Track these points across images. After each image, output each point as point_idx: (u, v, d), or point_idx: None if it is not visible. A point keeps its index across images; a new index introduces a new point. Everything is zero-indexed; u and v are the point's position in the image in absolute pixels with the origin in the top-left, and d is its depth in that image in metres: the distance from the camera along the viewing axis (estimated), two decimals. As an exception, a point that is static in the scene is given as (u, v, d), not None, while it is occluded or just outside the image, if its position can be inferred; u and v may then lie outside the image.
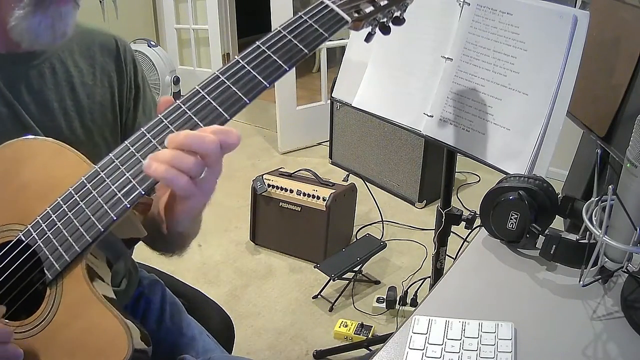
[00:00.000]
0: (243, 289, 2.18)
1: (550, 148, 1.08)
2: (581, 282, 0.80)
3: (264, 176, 2.33)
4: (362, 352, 1.83)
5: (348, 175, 2.48)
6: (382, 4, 0.77)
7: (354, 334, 1.88)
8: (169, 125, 0.65)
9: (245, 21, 4.45)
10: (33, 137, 0.73)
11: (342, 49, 1.56)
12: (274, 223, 2.35)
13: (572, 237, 0.86)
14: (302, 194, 2.25)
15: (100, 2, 3.74)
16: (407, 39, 1.29)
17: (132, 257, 1.04)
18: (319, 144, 3.41)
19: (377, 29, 0.81)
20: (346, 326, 1.91)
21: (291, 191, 2.27)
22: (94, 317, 0.65)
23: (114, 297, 0.70)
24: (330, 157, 3.06)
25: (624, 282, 0.78)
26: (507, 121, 1.13)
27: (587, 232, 0.82)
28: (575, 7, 1.25)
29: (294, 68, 0.71)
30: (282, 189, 2.28)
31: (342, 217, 2.34)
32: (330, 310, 2.04)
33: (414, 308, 1.09)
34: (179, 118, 0.66)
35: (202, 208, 0.70)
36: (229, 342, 1.12)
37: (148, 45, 3.71)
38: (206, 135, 0.62)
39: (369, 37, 0.82)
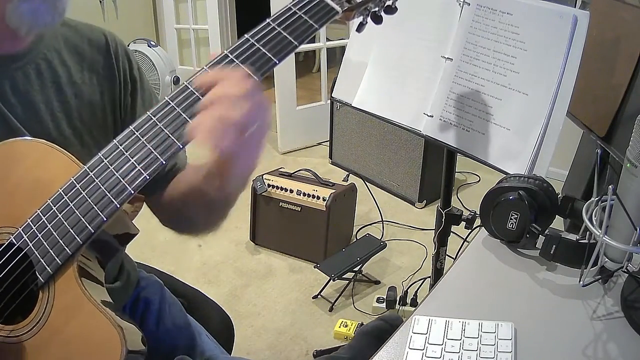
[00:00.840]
0: (243, 289, 2.18)
1: (550, 148, 1.08)
2: (581, 282, 0.80)
3: (264, 176, 2.33)
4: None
5: (348, 175, 2.48)
6: None
7: (354, 334, 1.88)
8: (157, 123, 0.65)
9: (245, 21, 4.44)
10: (22, 138, 0.72)
11: (342, 49, 1.56)
12: (274, 223, 2.35)
13: (572, 237, 0.86)
14: (302, 194, 2.25)
15: (100, 2, 3.74)
16: (407, 39, 1.29)
17: (132, 257, 1.04)
18: (319, 144, 3.41)
19: (369, 19, 0.79)
20: (346, 326, 1.91)
21: (291, 191, 2.26)
22: (86, 319, 0.64)
23: (108, 297, 0.69)
24: (330, 157, 3.06)
25: (624, 282, 0.78)
26: (507, 121, 1.13)
27: (587, 232, 0.82)
28: (575, 7, 1.25)
29: (294, 68, 0.70)
30: (282, 189, 2.28)
31: (342, 217, 2.34)
32: (330, 310, 2.04)
33: (414, 308, 1.09)
34: (167, 115, 0.65)
35: (253, 166, 0.68)
36: (229, 343, 1.12)
37: (148, 45, 3.71)
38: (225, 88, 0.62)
39: (360, 27, 0.80)
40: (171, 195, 0.88)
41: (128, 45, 0.94)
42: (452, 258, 1.16)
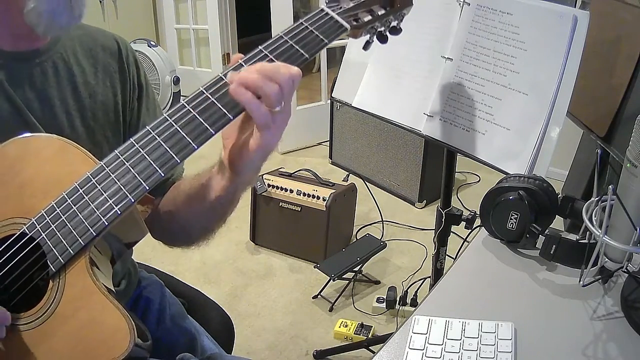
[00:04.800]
0: (243, 289, 2.18)
1: (550, 148, 1.08)
2: (581, 282, 0.80)
3: (264, 176, 2.33)
4: (363, 352, 1.83)
5: (348, 175, 2.48)
6: (379, 13, 0.80)
7: (354, 334, 1.88)
8: (174, 124, 0.68)
9: (245, 21, 4.45)
10: (38, 134, 0.74)
11: (342, 49, 1.56)
12: (274, 223, 2.35)
13: (572, 237, 0.86)
14: (302, 194, 2.25)
15: (100, 2, 3.74)
16: (407, 39, 1.29)
17: (132, 257, 1.04)
18: (319, 144, 3.41)
19: (375, 38, 0.84)
20: (346, 326, 1.91)
21: (291, 191, 2.27)
22: (96, 309, 0.65)
23: (115, 291, 0.70)
24: (330, 157, 3.06)
25: (624, 282, 0.78)
26: (507, 121, 1.13)
27: (587, 232, 0.82)
28: (575, 7, 1.25)
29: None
30: (282, 189, 2.28)
31: (342, 217, 2.34)
32: (330, 310, 2.05)
33: (414, 308, 1.09)
34: (183, 117, 0.68)
35: (273, 147, 0.74)
36: (229, 343, 1.12)
37: (148, 45, 3.71)
38: (280, 65, 0.68)
39: (367, 45, 0.85)
40: (171, 198, 0.89)
41: (128, 45, 0.97)
42: (452, 258, 1.15)
